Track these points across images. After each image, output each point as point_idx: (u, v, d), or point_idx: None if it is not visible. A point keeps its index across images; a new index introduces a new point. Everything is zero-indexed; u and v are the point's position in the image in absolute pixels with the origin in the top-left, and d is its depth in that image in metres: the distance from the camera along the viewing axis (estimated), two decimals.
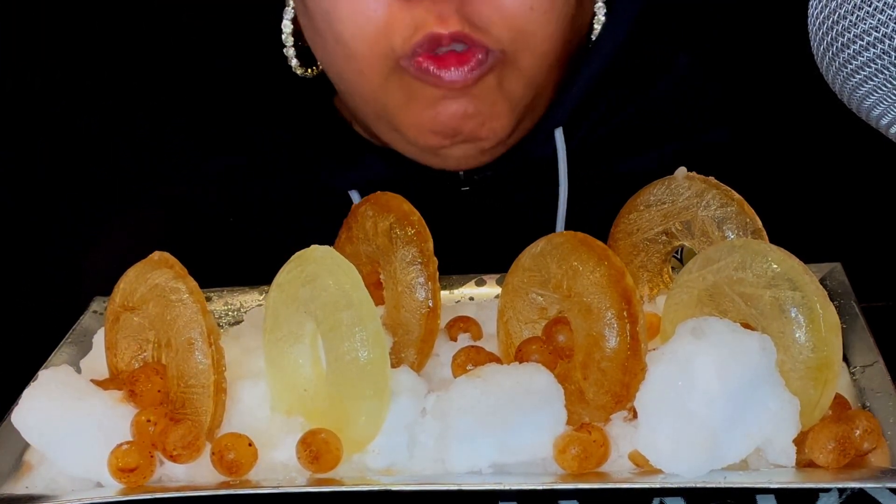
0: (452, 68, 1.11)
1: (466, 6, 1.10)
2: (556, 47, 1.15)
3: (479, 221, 1.25)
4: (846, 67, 0.79)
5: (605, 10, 1.24)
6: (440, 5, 1.09)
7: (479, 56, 1.11)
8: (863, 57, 0.77)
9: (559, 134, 1.24)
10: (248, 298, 1.12)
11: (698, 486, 0.80)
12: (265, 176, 1.30)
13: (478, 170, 1.24)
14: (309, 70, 1.28)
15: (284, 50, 1.26)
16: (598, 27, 1.24)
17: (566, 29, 1.16)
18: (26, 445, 0.90)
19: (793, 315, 0.83)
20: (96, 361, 0.97)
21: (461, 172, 1.25)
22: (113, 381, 0.92)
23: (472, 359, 0.90)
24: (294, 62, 1.27)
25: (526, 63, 1.14)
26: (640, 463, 0.83)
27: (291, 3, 1.25)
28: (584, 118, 1.25)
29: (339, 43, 1.15)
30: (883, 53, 0.76)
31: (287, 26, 1.26)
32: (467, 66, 1.11)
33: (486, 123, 1.16)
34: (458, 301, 1.08)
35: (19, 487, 0.88)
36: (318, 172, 1.27)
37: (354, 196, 1.24)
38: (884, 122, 0.81)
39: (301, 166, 1.28)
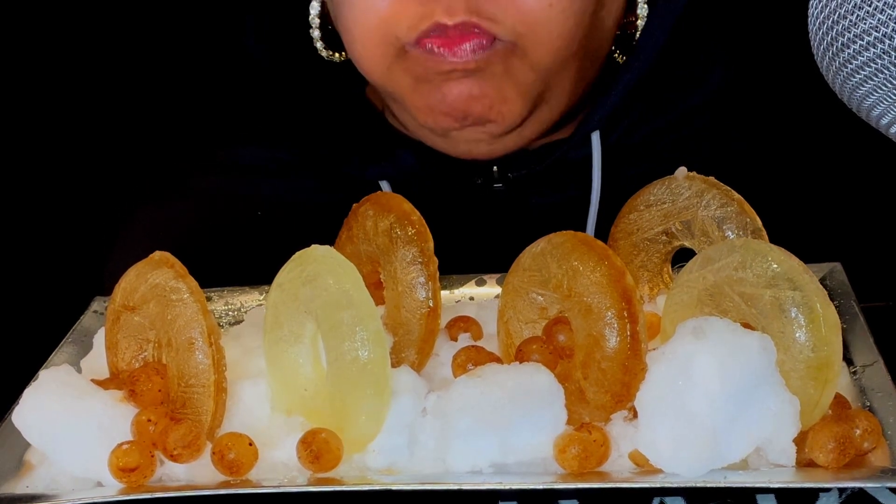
0: (455, 46, 1.11)
1: (475, 1, 1.10)
2: (571, 43, 1.15)
3: (508, 219, 1.25)
4: (846, 67, 0.79)
5: (647, 10, 1.23)
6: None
7: (484, 40, 1.11)
8: (863, 57, 0.77)
9: (596, 137, 1.24)
10: (249, 298, 1.12)
11: (698, 485, 0.80)
12: (295, 169, 1.29)
13: (512, 167, 1.24)
14: (337, 55, 1.28)
15: (311, 31, 1.27)
16: (641, 24, 1.23)
17: (586, 25, 1.15)
18: (27, 445, 0.90)
19: (793, 315, 0.83)
20: (97, 361, 0.97)
21: (494, 169, 1.25)
22: (113, 380, 0.92)
23: (472, 358, 0.90)
24: (319, 44, 1.27)
25: (537, 56, 1.14)
26: (641, 462, 0.83)
27: None
28: (620, 122, 1.25)
29: (345, 29, 1.17)
30: (883, 53, 0.76)
31: (314, 7, 1.27)
32: (469, 43, 1.11)
33: (495, 107, 1.15)
34: (459, 301, 1.08)
35: (20, 487, 0.88)
36: (351, 163, 1.26)
37: (385, 186, 1.25)
38: (884, 121, 0.81)
39: (332, 159, 1.27)
